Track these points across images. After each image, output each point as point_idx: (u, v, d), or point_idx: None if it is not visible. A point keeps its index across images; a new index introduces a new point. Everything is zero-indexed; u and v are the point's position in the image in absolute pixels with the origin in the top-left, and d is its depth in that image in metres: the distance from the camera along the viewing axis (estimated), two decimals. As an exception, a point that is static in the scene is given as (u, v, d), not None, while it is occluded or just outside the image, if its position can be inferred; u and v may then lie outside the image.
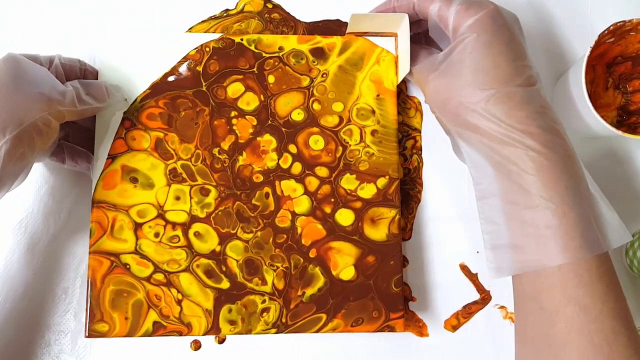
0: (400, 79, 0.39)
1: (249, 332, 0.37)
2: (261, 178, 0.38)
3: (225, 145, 0.38)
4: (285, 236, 0.38)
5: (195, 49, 0.39)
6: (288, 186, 0.38)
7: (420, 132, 0.43)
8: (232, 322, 0.37)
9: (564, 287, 0.29)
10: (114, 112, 0.38)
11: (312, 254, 0.38)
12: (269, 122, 0.39)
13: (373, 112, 0.39)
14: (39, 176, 0.41)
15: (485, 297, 0.42)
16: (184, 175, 0.38)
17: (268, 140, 0.38)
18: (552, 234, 0.29)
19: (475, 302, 0.42)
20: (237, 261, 0.37)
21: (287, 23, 0.43)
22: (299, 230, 0.38)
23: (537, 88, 0.32)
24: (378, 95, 0.39)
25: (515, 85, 0.31)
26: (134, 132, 0.38)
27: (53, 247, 0.40)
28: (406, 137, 0.43)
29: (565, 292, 0.29)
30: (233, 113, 0.38)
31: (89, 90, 0.35)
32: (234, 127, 0.38)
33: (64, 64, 0.36)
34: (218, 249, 0.38)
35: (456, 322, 0.42)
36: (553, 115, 0.32)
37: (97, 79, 0.38)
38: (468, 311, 0.42)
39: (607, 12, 0.45)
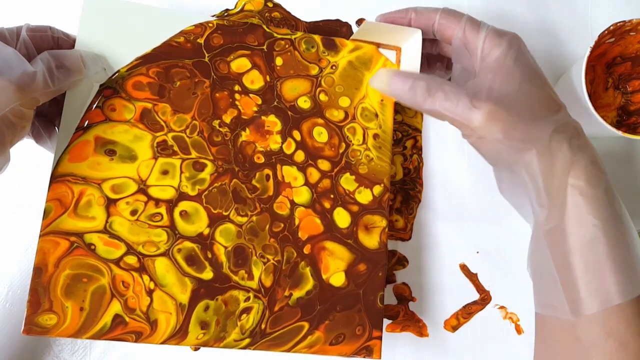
0: None
1: (218, 341, 0.33)
2: (262, 159, 0.36)
3: (227, 118, 0.36)
4: (282, 225, 0.35)
5: (194, 25, 0.36)
6: (289, 173, 0.36)
7: (420, 132, 0.43)
8: (204, 325, 0.33)
9: (605, 322, 0.28)
10: (91, 84, 0.34)
11: (307, 250, 0.35)
12: (275, 103, 0.37)
13: (376, 115, 0.38)
14: (35, 173, 0.41)
15: (485, 297, 0.42)
16: (176, 148, 0.35)
17: (273, 122, 0.36)
18: (607, 269, 0.28)
19: (475, 302, 0.42)
20: (226, 248, 0.34)
21: (287, 22, 0.43)
22: (297, 222, 0.36)
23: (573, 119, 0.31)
24: (382, 101, 0.38)
25: (564, 116, 0.31)
26: (114, 101, 0.34)
27: (53, 247, 0.40)
28: (406, 137, 0.43)
29: (606, 326, 0.28)
30: (237, 87, 0.36)
31: (62, 62, 0.31)
32: (237, 103, 0.36)
33: (33, 35, 0.31)
34: (206, 232, 0.34)
35: (456, 322, 0.42)
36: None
37: (73, 47, 0.34)
38: (468, 311, 0.42)
39: (607, 12, 0.45)
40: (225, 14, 0.42)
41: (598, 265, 0.28)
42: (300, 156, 0.36)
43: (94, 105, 0.34)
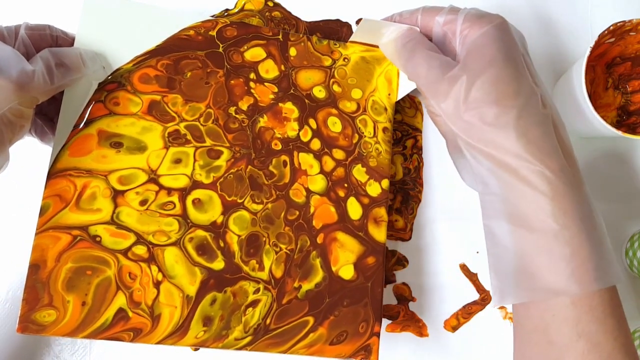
0: (402, 95, 0.38)
1: (218, 340, 0.33)
2: (280, 146, 0.36)
3: (244, 105, 0.36)
4: (297, 213, 0.35)
5: (200, 21, 0.36)
6: (306, 160, 0.36)
7: (420, 132, 0.43)
8: (207, 322, 0.33)
9: (576, 322, 0.28)
10: (89, 82, 0.34)
11: (320, 239, 0.35)
12: (292, 91, 0.37)
13: (385, 109, 0.38)
14: (35, 173, 0.41)
15: (485, 297, 0.42)
16: (189, 137, 0.34)
17: (290, 109, 0.36)
18: (567, 264, 0.28)
19: (475, 302, 0.42)
20: (239, 237, 0.34)
21: (288, 22, 0.43)
22: (312, 210, 0.36)
23: (549, 108, 0.30)
24: (389, 95, 0.38)
25: (533, 103, 0.29)
26: (118, 95, 0.34)
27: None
28: (406, 137, 0.43)
29: (577, 327, 0.28)
30: (252, 75, 0.36)
31: (61, 60, 0.31)
32: (252, 91, 0.36)
33: (32, 33, 0.31)
34: (220, 220, 0.34)
35: (456, 322, 0.42)
36: (567, 136, 0.30)
37: (72, 46, 0.34)
38: (468, 311, 0.42)
39: (607, 12, 0.45)
40: (225, 13, 0.42)
41: (564, 257, 0.28)
42: (316, 144, 0.37)
43: (95, 101, 0.34)
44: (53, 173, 0.33)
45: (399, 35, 0.35)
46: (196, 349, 0.40)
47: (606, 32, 0.37)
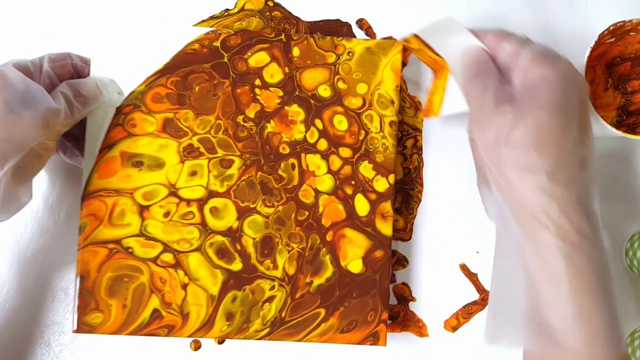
0: (449, 112, 0.37)
1: (240, 332, 0.36)
2: (287, 150, 0.37)
3: (251, 112, 0.37)
4: (307, 213, 0.37)
5: (205, 33, 0.37)
6: (313, 161, 0.38)
7: (420, 131, 0.43)
8: (229, 317, 0.36)
9: None
10: (107, 109, 0.36)
11: (329, 236, 0.37)
12: (297, 93, 0.38)
13: (392, 102, 0.38)
14: (38, 176, 0.41)
15: (485, 297, 0.42)
16: (202, 149, 0.37)
17: (296, 111, 0.38)
18: (575, 323, 0.28)
19: (475, 302, 0.42)
20: (254, 239, 0.37)
21: (288, 21, 0.43)
22: (321, 209, 0.37)
23: (587, 169, 0.29)
24: (396, 87, 0.38)
25: (569, 161, 0.29)
26: (134, 116, 0.36)
27: (53, 247, 0.40)
28: (406, 137, 0.43)
29: None
30: (257, 81, 0.37)
31: (79, 92, 0.33)
32: (258, 97, 0.37)
33: (55, 65, 0.33)
34: (235, 225, 0.37)
35: (456, 322, 0.42)
36: (595, 199, 0.30)
37: (89, 72, 0.36)
38: (468, 311, 0.42)
39: (607, 12, 0.45)
40: (226, 14, 0.42)
41: (572, 316, 0.28)
42: (323, 144, 0.38)
43: (115, 125, 0.36)
44: (86, 195, 0.36)
45: (467, 52, 0.33)
46: (196, 349, 0.40)
47: (606, 32, 0.37)
